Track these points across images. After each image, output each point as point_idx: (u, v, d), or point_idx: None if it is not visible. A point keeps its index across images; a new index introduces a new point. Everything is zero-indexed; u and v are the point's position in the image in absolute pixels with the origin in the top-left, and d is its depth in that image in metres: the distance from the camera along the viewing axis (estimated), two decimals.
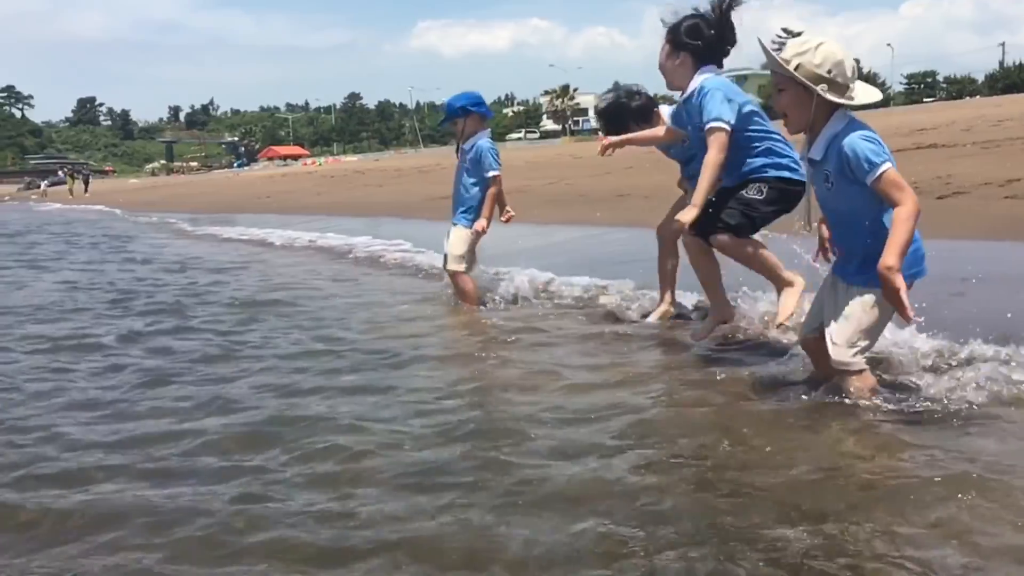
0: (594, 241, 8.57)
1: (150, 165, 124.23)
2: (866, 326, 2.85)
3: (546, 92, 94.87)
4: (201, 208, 22.73)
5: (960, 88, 79.54)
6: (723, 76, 3.52)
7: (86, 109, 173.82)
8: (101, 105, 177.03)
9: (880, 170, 2.67)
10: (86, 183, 51.56)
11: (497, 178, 5.31)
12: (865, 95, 2.85)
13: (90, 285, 7.56)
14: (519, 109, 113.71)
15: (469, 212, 5.36)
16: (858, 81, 2.86)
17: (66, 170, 69.45)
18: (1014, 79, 69.29)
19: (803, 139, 2.97)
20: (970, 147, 12.57)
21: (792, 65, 2.79)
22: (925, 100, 69.88)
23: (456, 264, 5.34)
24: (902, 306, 2.65)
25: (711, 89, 3.38)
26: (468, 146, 5.36)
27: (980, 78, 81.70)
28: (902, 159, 2.87)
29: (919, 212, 2.68)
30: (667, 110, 4.37)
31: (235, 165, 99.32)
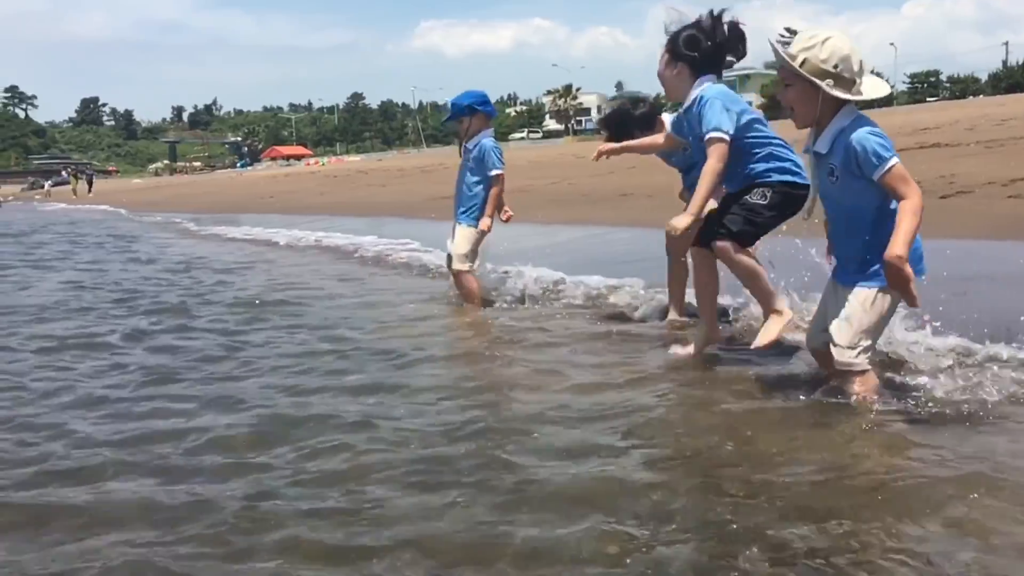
0: (597, 241, 8.58)
1: (153, 165, 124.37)
2: (867, 326, 2.85)
3: (549, 92, 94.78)
4: (204, 208, 22.76)
5: (963, 87, 79.40)
6: (722, 85, 3.51)
7: (89, 109, 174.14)
8: (104, 105, 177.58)
9: (889, 164, 2.68)
10: (90, 183, 51.66)
11: (500, 177, 5.32)
12: (873, 90, 2.85)
13: (96, 285, 7.58)
14: (522, 109, 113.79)
15: (473, 211, 5.36)
16: (867, 75, 2.85)
17: (69, 170, 69.57)
18: (1017, 78, 69.17)
19: (808, 132, 2.97)
20: (973, 146, 12.55)
21: (798, 60, 2.79)
22: (928, 99, 69.72)
23: (461, 263, 5.35)
24: (910, 294, 2.65)
25: (710, 99, 3.39)
26: (472, 145, 5.36)
27: (983, 77, 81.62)
28: (905, 158, 2.87)
29: (923, 208, 2.69)
30: (669, 117, 4.37)
31: (238, 165, 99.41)
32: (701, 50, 3.47)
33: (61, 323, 5.46)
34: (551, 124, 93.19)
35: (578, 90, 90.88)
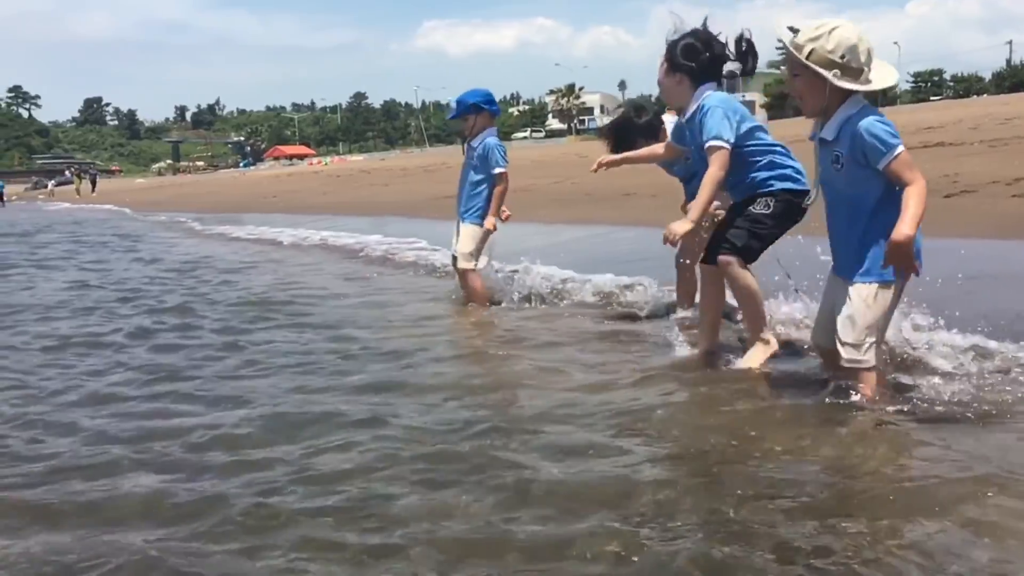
0: (600, 240, 8.58)
1: (156, 165, 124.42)
2: (871, 321, 2.86)
3: (551, 91, 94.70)
4: (208, 208, 22.79)
5: (967, 86, 79.26)
6: (724, 92, 3.52)
7: (93, 109, 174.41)
8: (108, 105, 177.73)
9: (896, 152, 2.71)
10: (93, 183, 51.80)
11: (504, 175, 5.33)
12: (881, 79, 2.86)
13: (101, 284, 7.61)
14: (524, 108, 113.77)
15: (477, 209, 5.36)
16: (876, 62, 2.86)
17: (73, 170, 69.84)
18: (1021, 77, 69.03)
19: (814, 120, 2.98)
20: (977, 145, 12.55)
21: (805, 51, 2.81)
22: (932, 98, 69.58)
23: (466, 262, 5.35)
24: (911, 264, 2.66)
25: (711, 107, 3.39)
26: (476, 143, 5.37)
27: (987, 76, 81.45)
28: None
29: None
30: (670, 118, 4.38)
31: (241, 165, 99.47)
32: (699, 60, 3.48)
33: (67, 322, 5.49)
34: (554, 123, 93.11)
35: (581, 89, 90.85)
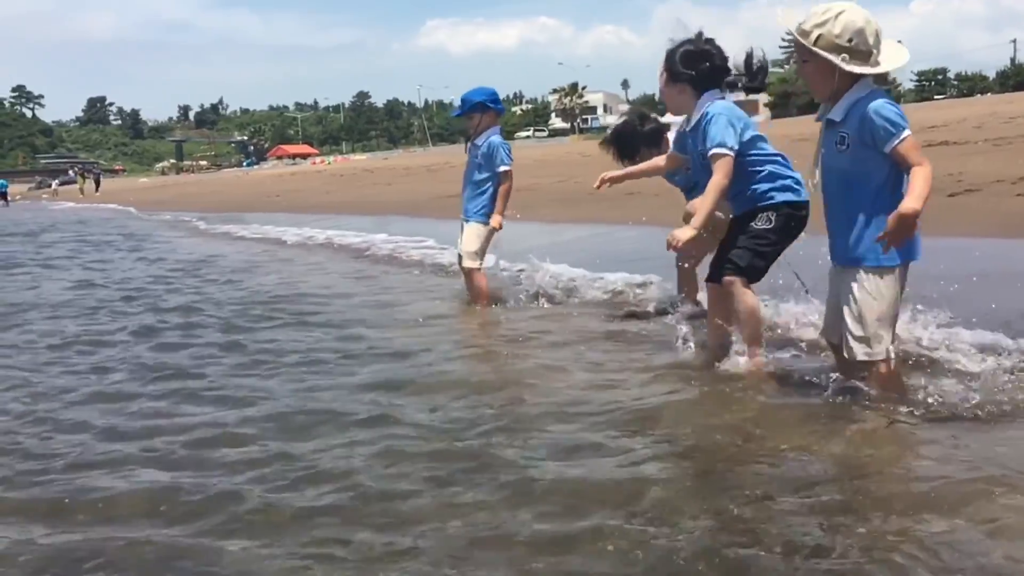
0: (603, 239, 8.59)
1: (160, 164, 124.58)
2: (879, 313, 2.83)
3: (555, 90, 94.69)
4: (211, 207, 22.84)
5: (971, 85, 79.09)
6: (727, 100, 3.50)
7: (96, 108, 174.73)
8: (111, 104, 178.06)
9: (905, 133, 2.73)
10: (97, 182, 51.96)
11: (509, 173, 5.33)
12: (890, 60, 2.86)
13: (107, 283, 7.64)
14: (527, 107, 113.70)
15: (482, 208, 5.36)
16: (886, 43, 2.85)
17: (76, 169, 69.94)
18: None
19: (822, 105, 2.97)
20: (982, 144, 12.53)
21: (812, 37, 2.81)
22: (936, 97, 69.44)
23: (471, 261, 5.35)
24: (912, 232, 2.66)
25: (715, 115, 3.39)
26: (480, 142, 5.37)
27: (991, 75, 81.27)
28: None
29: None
30: (673, 118, 4.38)
31: (244, 164, 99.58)
32: (699, 68, 3.47)
33: (74, 320, 5.52)
34: (557, 122, 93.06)
35: (584, 88, 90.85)
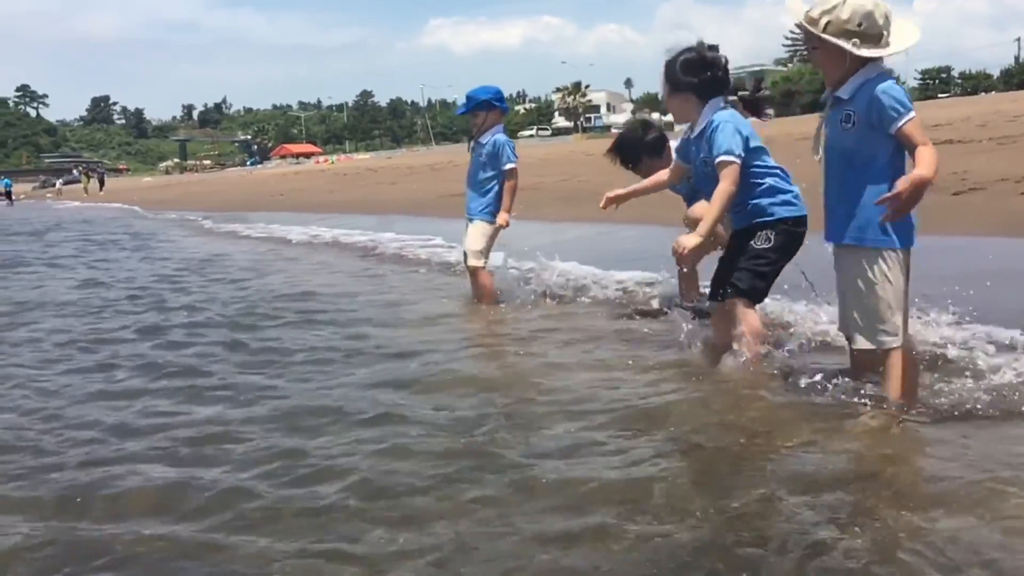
0: (607, 237, 8.59)
1: (164, 163, 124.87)
2: (888, 299, 2.81)
3: (558, 89, 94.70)
4: (215, 206, 22.88)
5: (975, 84, 78.83)
6: (732, 109, 3.50)
7: (100, 108, 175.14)
8: (115, 104, 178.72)
9: (912, 114, 2.74)
10: (101, 182, 52.12)
11: (515, 170, 5.34)
12: (900, 40, 2.86)
13: (114, 281, 7.67)
14: (531, 106, 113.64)
15: (487, 206, 5.37)
16: (896, 22, 2.86)
17: (80, 169, 70.10)
18: None
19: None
20: (986, 143, 12.50)
21: (820, 25, 2.82)
22: (940, 96, 69.25)
23: (476, 260, 5.35)
24: (917, 201, 2.65)
25: (722, 123, 3.39)
26: (485, 140, 5.37)
27: (995, 73, 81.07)
28: None
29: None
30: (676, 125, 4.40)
31: (248, 163, 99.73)
32: (701, 75, 3.47)
33: (81, 319, 5.55)
34: (560, 121, 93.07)
35: (587, 87, 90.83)
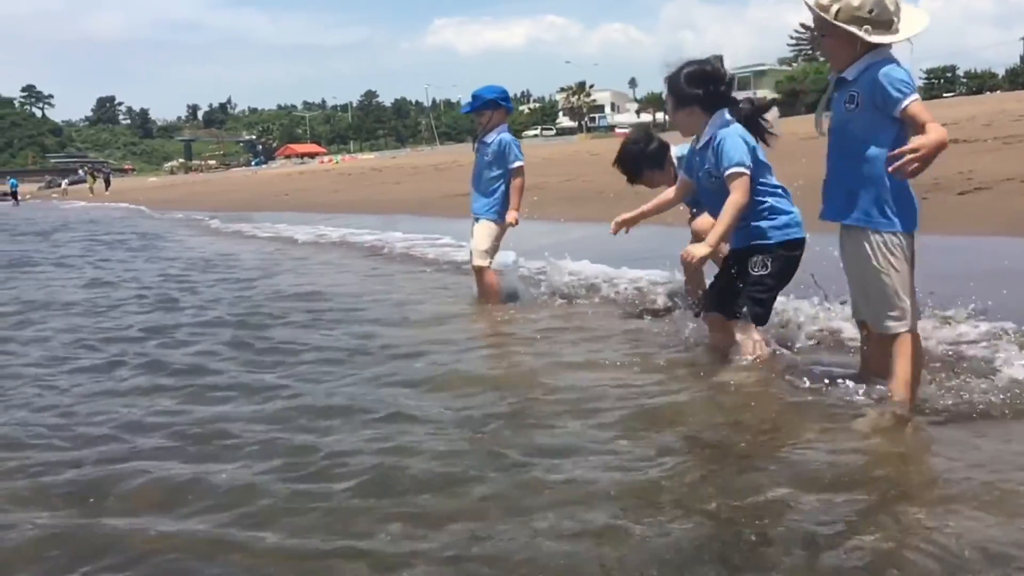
0: (611, 237, 8.57)
1: (169, 163, 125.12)
2: (896, 283, 2.81)
3: (562, 89, 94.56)
4: (221, 206, 22.94)
5: (980, 83, 78.47)
6: (737, 124, 3.49)
7: (105, 108, 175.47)
8: (120, 104, 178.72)
9: (915, 95, 2.76)
10: (107, 182, 52.29)
11: (522, 169, 5.34)
12: (910, 25, 2.88)
13: (122, 280, 7.71)
14: (535, 106, 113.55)
15: (493, 206, 5.37)
16: (905, 9, 2.87)
17: (86, 169, 70.37)
18: None
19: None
20: (991, 142, 12.48)
21: (832, 11, 2.84)
22: (945, 95, 69.04)
23: (481, 259, 5.34)
24: (928, 163, 2.63)
25: (729, 136, 3.41)
26: (490, 139, 5.38)
27: (1001, 72, 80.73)
28: None
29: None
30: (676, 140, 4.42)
31: (253, 163, 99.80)
32: (705, 87, 3.47)
33: (90, 318, 5.58)
34: (564, 121, 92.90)
35: (591, 87, 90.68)
